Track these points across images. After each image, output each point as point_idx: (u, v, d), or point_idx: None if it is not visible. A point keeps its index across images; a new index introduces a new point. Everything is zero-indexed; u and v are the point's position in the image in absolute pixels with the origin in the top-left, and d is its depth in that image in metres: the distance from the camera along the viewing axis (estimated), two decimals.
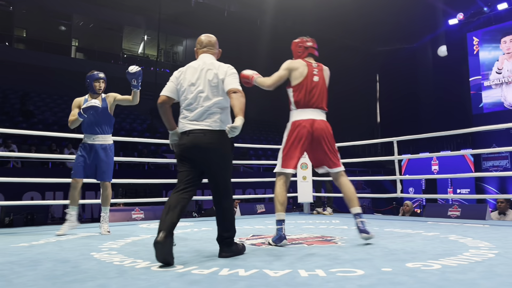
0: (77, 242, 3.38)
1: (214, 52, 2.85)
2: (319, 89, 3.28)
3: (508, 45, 14.10)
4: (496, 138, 13.21)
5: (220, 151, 2.62)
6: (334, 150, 3.26)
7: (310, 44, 3.43)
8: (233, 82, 2.64)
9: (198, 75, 2.68)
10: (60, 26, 18.81)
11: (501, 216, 5.55)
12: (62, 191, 9.51)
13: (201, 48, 2.84)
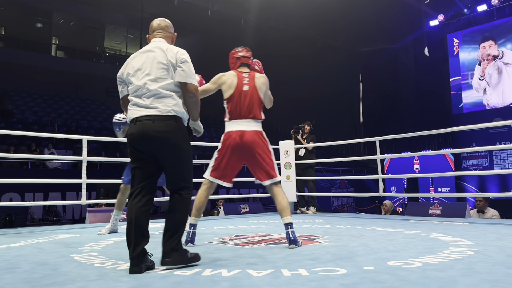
0: (57, 244, 3.32)
1: (166, 35, 2.59)
2: (248, 99, 3.17)
3: (488, 50, 14.39)
4: (476, 138, 13.47)
5: (173, 140, 2.31)
6: (268, 161, 3.14)
7: (242, 53, 3.33)
8: (185, 75, 2.38)
9: (144, 59, 2.42)
10: (37, 23, 18.47)
11: (480, 214, 5.65)
12: (42, 192, 9.35)
13: (152, 33, 2.60)
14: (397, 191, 13.55)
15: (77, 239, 3.61)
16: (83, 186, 4.91)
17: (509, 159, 13.48)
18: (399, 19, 17.55)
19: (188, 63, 2.42)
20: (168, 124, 2.31)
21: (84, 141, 5.05)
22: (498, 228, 3.84)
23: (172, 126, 2.32)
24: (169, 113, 2.32)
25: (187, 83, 2.38)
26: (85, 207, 7.40)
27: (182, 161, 2.36)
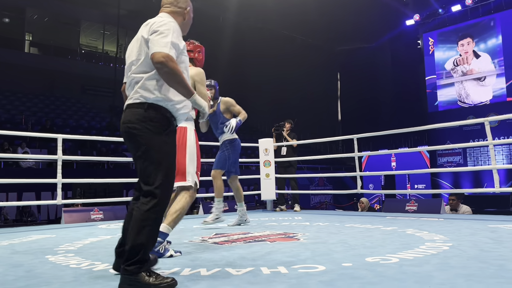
0: (31, 245, 3.24)
1: (173, 10, 2.20)
2: None
3: (466, 48, 14.73)
4: (450, 135, 13.78)
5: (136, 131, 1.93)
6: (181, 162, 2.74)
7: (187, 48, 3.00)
8: (155, 44, 1.95)
9: (134, 42, 2.11)
10: (4, 18, 17.95)
11: (453, 212, 5.78)
12: (16, 192, 9.12)
13: (161, 8, 2.25)
14: (375, 188, 13.74)
15: (52, 239, 3.53)
16: (58, 185, 4.81)
17: (482, 156, 13.85)
18: (376, 18, 17.80)
19: (159, 32, 1.99)
20: (134, 112, 1.96)
21: (59, 140, 4.94)
22: (471, 223, 3.94)
23: (138, 115, 1.94)
24: (136, 100, 1.97)
25: (151, 54, 1.95)
26: (60, 207, 7.25)
27: (147, 159, 1.92)
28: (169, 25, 2.03)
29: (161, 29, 1.99)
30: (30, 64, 17.19)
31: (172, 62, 1.92)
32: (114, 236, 3.66)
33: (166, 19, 2.09)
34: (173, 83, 1.96)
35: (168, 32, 1.99)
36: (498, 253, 2.38)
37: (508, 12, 13.78)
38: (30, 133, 6.01)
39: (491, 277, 1.84)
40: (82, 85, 19.01)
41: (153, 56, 1.93)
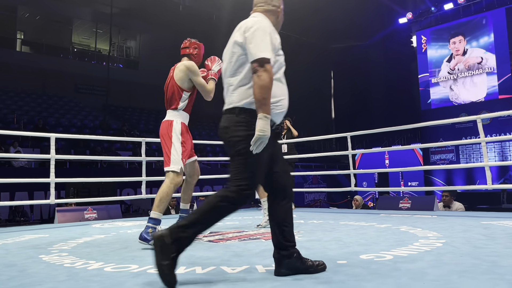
0: (24, 245, 3.22)
1: (267, 9, 2.15)
2: (169, 90, 3.28)
3: (458, 46, 14.81)
4: (443, 133, 13.86)
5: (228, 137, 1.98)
6: (166, 151, 3.11)
7: (182, 46, 3.41)
8: (253, 51, 1.93)
9: (228, 46, 2.11)
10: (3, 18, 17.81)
11: (446, 209, 5.82)
12: (8, 191, 9.05)
13: (253, 8, 2.21)
14: (368, 185, 13.80)
15: (46, 239, 3.51)
16: (51, 185, 4.78)
17: (475, 153, 13.95)
18: (369, 16, 17.85)
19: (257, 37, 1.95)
20: (226, 118, 2.00)
21: (52, 139, 4.91)
22: (464, 220, 3.97)
23: (229, 120, 1.98)
24: (229, 105, 2.00)
25: (250, 59, 1.94)
26: (53, 207, 7.21)
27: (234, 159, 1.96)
28: (263, 25, 2.00)
29: (258, 32, 1.96)
30: (22, 63, 17.03)
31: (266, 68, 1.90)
32: (108, 236, 3.65)
33: (259, 19, 2.06)
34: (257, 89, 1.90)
35: (265, 34, 1.97)
36: (491, 250, 2.40)
37: (500, 10, 13.88)
38: (23, 132, 5.97)
39: (484, 273, 1.86)
40: (75, 84, 18.87)
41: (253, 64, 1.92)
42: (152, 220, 2.93)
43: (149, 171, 5.90)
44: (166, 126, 3.18)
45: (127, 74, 19.99)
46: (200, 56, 3.41)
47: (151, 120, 18.76)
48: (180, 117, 3.21)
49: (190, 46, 3.37)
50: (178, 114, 3.21)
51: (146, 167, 5.70)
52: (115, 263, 2.33)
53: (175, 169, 3.03)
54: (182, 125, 3.19)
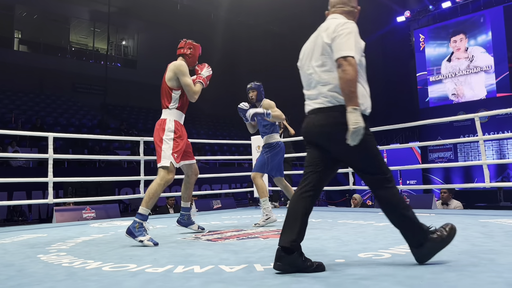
0: (22, 244, 3.21)
1: (345, 10, 2.20)
2: (161, 90, 3.40)
3: (458, 44, 14.83)
4: (441, 131, 13.89)
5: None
6: (157, 148, 3.26)
7: (178, 46, 3.49)
8: (339, 48, 2.01)
9: (313, 44, 2.17)
10: None
11: (444, 206, 5.83)
12: (6, 191, 9.03)
13: (330, 9, 2.26)
14: None
15: (44, 239, 3.51)
16: (49, 184, 4.77)
17: (473, 152, 13.98)
18: (367, 15, 17.82)
19: (345, 35, 2.02)
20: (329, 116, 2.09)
21: (50, 138, 4.91)
22: (462, 218, 3.97)
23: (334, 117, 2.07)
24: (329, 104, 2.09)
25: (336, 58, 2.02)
26: (51, 206, 7.20)
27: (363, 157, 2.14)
28: (351, 27, 2.06)
29: (345, 32, 2.02)
30: (19, 62, 17.00)
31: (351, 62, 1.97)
32: (107, 235, 3.65)
33: (344, 20, 2.10)
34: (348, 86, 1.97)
35: (351, 35, 2.02)
36: (489, 248, 2.41)
37: (497, 9, 13.90)
38: (20, 132, 5.96)
39: (482, 271, 1.86)
40: (73, 83, 18.84)
41: (338, 60, 1.99)
42: (140, 215, 3.03)
43: (147, 170, 5.89)
44: (159, 124, 3.30)
45: (125, 73, 19.97)
46: (195, 57, 3.46)
47: (149, 119, 18.74)
48: (173, 116, 3.29)
49: (184, 46, 3.44)
50: (170, 113, 3.30)
51: (144, 166, 5.69)
52: (113, 263, 2.33)
53: (164, 164, 3.14)
54: (175, 123, 3.27)
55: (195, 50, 3.46)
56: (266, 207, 3.99)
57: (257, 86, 4.25)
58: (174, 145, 3.19)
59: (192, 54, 3.43)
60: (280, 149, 4.23)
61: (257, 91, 4.22)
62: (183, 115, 3.37)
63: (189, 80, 3.28)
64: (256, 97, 4.21)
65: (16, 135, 10.63)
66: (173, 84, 3.28)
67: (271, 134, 4.23)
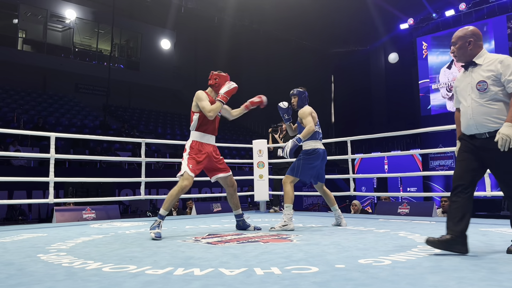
0: (22, 244, 3.21)
1: None
2: None
3: None
4: (442, 139, 13.87)
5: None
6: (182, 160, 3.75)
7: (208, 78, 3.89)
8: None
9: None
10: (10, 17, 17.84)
11: (445, 215, 5.81)
12: (6, 190, 9.04)
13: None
14: (367, 190, 13.80)
15: (44, 238, 3.51)
16: (50, 184, 4.78)
17: None
18: (371, 22, 17.89)
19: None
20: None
21: (52, 138, 4.91)
22: None
23: None
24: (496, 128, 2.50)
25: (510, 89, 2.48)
26: (51, 206, 7.20)
27: None
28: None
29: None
30: (23, 62, 17.06)
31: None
32: (107, 236, 3.65)
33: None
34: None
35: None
36: (489, 256, 2.40)
37: (500, 18, 13.93)
38: (22, 131, 5.97)
39: (482, 279, 1.86)
40: (76, 84, 18.89)
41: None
42: (159, 215, 3.58)
43: (148, 172, 5.90)
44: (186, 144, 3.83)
45: (128, 75, 20.02)
46: (220, 85, 3.78)
47: (151, 121, 18.77)
48: (192, 136, 3.76)
49: (211, 78, 3.83)
50: (192, 134, 3.78)
51: (145, 168, 5.69)
52: (113, 263, 2.33)
53: (180, 173, 3.64)
54: (192, 142, 3.73)
55: (220, 79, 3.80)
56: (287, 213, 3.89)
57: (299, 92, 4.18)
58: (189, 160, 3.65)
59: (218, 84, 3.79)
60: (316, 156, 4.07)
61: (298, 97, 4.15)
62: (205, 135, 3.76)
63: (204, 104, 3.67)
64: (297, 103, 4.15)
65: (18, 135, 10.66)
66: (195, 109, 3.74)
67: (308, 140, 4.10)
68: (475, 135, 2.59)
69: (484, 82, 2.51)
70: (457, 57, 2.70)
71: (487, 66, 2.53)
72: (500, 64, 2.48)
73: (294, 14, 17.07)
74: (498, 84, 2.47)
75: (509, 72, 2.44)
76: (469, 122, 2.59)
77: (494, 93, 2.48)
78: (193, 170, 3.61)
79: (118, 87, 18.44)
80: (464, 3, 14.38)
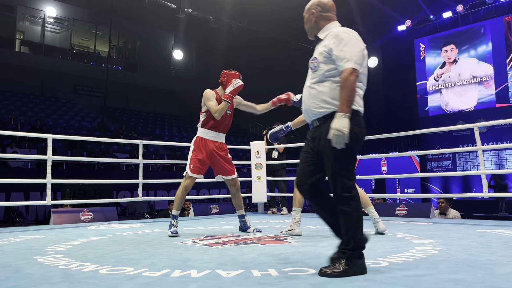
0: (19, 246, 3.20)
1: None
2: None
3: (449, 54, 14.91)
4: (440, 140, 13.90)
5: None
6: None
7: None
8: None
9: None
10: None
11: (442, 216, 5.82)
12: (4, 192, 9.02)
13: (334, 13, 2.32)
14: (365, 191, 13.76)
15: (41, 240, 3.50)
16: (48, 186, 4.77)
17: (471, 161, 13.98)
18: (368, 23, 17.91)
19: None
20: None
21: (49, 140, 4.90)
22: (460, 228, 3.97)
23: None
24: None
25: None
26: (49, 208, 7.18)
27: None
28: None
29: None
30: (20, 63, 17.02)
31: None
32: (104, 238, 3.64)
33: None
34: None
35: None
36: (486, 258, 2.40)
37: (498, 19, 13.96)
38: (20, 133, 5.96)
39: (479, 281, 1.86)
40: (74, 85, 18.86)
41: None
42: (172, 215, 3.79)
43: (146, 173, 5.89)
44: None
45: (125, 77, 19.99)
46: (228, 83, 3.84)
47: (149, 122, 18.75)
48: (198, 133, 3.89)
49: (221, 76, 3.91)
50: (199, 130, 3.90)
51: (143, 170, 5.69)
52: (110, 266, 2.33)
53: (184, 173, 3.82)
54: (197, 138, 3.87)
55: (228, 77, 3.87)
56: (294, 217, 3.74)
57: None
58: (191, 159, 3.80)
59: (226, 81, 3.86)
60: None
61: None
62: (211, 132, 3.85)
63: (210, 103, 3.79)
64: None
65: (15, 136, 10.63)
66: (203, 108, 3.87)
67: None
68: (310, 125, 2.24)
69: (315, 59, 2.17)
70: (307, 33, 2.34)
71: (325, 41, 2.16)
72: (334, 39, 2.10)
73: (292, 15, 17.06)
74: (330, 62, 2.11)
75: (340, 47, 2.06)
76: (303, 108, 2.24)
77: (324, 72, 2.12)
78: (193, 170, 3.75)
79: (116, 89, 18.40)
80: (461, 5, 14.40)
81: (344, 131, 1.96)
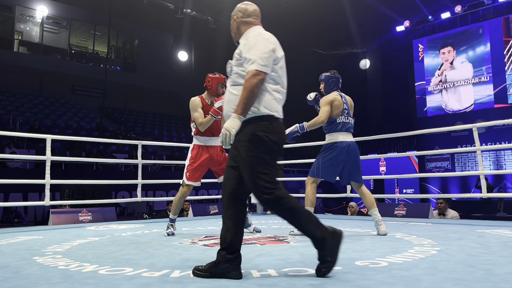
0: (18, 246, 3.20)
1: None
2: None
3: (447, 56, 14.95)
4: (439, 141, 13.91)
5: None
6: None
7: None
8: None
9: None
10: None
11: (440, 217, 5.83)
12: (2, 192, 9.00)
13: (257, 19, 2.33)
14: None
15: (40, 241, 3.49)
16: (46, 186, 4.76)
17: (470, 162, 14.00)
18: (367, 24, 17.93)
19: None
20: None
21: (48, 140, 4.90)
22: (459, 228, 3.98)
23: None
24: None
25: None
26: (47, 209, 7.17)
27: None
28: None
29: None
30: (19, 64, 16.99)
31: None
32: (103, 238, 3.64)
33: None
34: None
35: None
36: (485, 258, 2.41)
37: (496, 20, 13.99)
38: (18, 133, 5.95)
39: (478, 281, 1.86)
40: (72, 86, 18.84)
41: None
42: (169, 219, 3.92)
43: (144, 174, 5.89)
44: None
45: (124, 77, 19.97)
46: (213, 87, 3.87)
47: (147, 123, 18.73)
48: (194, 141, 3.94)
49: (205, 80, 3.91)
50: (194, 138, 3.94)
51: (142, 170, 5.68)
52: (109, 266, 2.33)
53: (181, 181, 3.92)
54: (194, 146, 3.91)
55: (213, 81, 3.87)
56: None
57: (325, 77, 3.81)
58: (187, 168, 3.87)
59: (210, 85, 3.87)
60: (336, 150, 3.59)
61: (325, 83, 3.79)
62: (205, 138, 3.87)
63: (196, 114, 3.83)
64: (324, 89, 3.81)
65: (14, 136, 10.61)
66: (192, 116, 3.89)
67: (328, 133, 3.70)
68: None
69: (229, 63, 2.18)
70: (233, 39, 2.34)
71: (240, 45, 2.17)
72: (245, 41, 2.12)
73: (290, 16, 17.08)
74: (241, 65, 2.10)
75: (247, 49, 2.07)
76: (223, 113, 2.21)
77: (237, 76, 2.11)
78: (189, 178, 3.85)
79: (114, 89, 18.37)
80: (459, 5, 14.43)
81: (231, 131, 1.95)
